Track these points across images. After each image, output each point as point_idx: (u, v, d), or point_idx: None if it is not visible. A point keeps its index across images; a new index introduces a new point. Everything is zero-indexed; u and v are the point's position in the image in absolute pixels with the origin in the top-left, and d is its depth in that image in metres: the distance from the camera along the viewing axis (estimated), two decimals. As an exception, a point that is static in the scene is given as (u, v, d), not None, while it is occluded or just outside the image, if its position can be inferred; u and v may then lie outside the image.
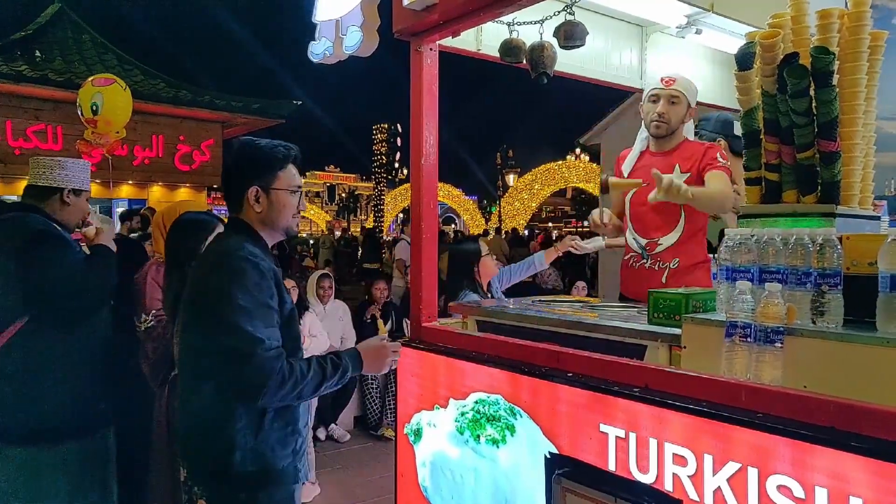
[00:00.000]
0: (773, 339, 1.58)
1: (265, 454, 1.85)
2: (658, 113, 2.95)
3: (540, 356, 2.08)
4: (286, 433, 1.91)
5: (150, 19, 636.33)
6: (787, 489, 1.41)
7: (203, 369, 1.86)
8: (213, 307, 1.80)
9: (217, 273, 1.84)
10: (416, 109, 2.61)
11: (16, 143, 10.30)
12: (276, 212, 1.98)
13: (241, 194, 1.96)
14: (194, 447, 1.92)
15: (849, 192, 1.93)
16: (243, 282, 1.78)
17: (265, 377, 1.73)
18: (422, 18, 2.48)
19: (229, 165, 2.01)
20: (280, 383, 1.75)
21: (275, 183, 1.96)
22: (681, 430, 1.62)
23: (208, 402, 1.84)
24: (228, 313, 1.75)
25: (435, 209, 2.72)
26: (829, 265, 1.58)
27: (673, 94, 2.93)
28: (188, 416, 1.93)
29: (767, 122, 1.96)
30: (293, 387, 1.79)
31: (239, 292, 1.76)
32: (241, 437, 1.81)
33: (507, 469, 2.12)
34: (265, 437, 1.85)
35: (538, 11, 2.59)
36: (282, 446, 1.89)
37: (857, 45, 1.86)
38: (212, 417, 1.83)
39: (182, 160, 12.12)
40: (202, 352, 1.86)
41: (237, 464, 1.81)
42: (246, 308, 1.76)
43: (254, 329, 1.75)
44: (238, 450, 1.81)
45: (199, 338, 1.87)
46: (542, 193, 32.25)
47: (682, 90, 2.92)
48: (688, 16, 3.09)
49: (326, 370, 1.89)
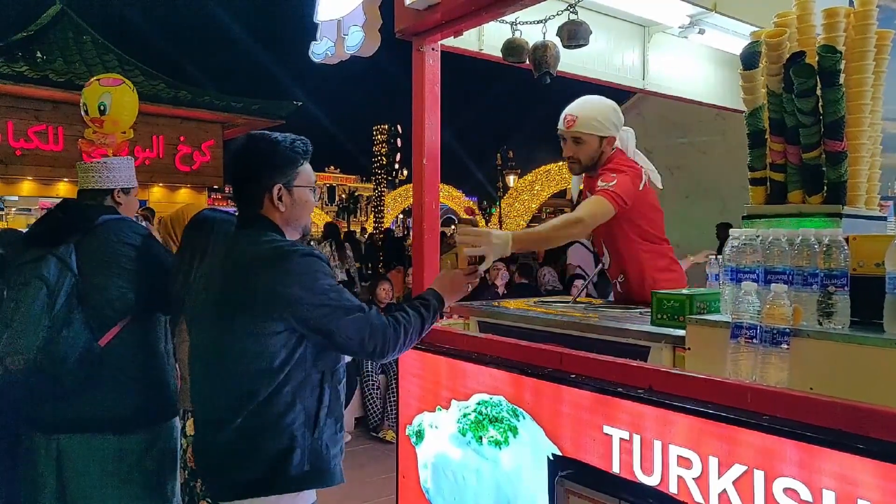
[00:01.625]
0: (778, 341, 1.57)
1: (320, 452, 1.82)
2: (565, 156, 2.85)
3: (543, 357, 2.06)
4: (335, 430, 1.88)
5: (151, 20, 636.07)
6: (794, 492, 1.39)
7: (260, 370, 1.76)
8: (301, 301, 1.75)
9: (289, 270, 1.76)
10: (418, 110, 2.60)
11: (17, 144, 10.30)
12: (299, 209, 1.94)
13: (261, 192, 1.88)
14: (241, 457, 1.78)
15: (855, 193, 1.92)
16: (321, 268, 1.82)
17: (384, 332, 1.83)
18: (424, 18, 2.47)
19: (246, 163, 1.91)
20: (395, 334, 1.85)
21: (297, 180, 1.91)
22: (685, 432, 1.61)
23: (264, 403, 1.75)
24: (325, 301, 1.77)
25: (436, 209, 2.71)
26: (835, 266, 1.57)
27: (574, 136, 2.74)
28: (229, 425, 1.77)
29: (773, 122, 1.95)
30: (405, 333, 1.88)
31: (323, 278, 1.80)
32: (300, 435, 1.77)
33: (509, 471, 2.11)
34: (320, 434, 1.82)
35: (541, 11, 2.58)
36: (333, 443, 1.87)
37: (864, 45, 1.85)
38: (269, 418, 1.75)
39: (182, 161, 12.12)
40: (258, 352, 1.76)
41: (295, 464, 1.76)
42: (335, 287, 1.82)
43: (350, 300, 1.82)
44: (298, 448, 1.77)
45: (253, 338, 1.76)
46: (542, 194, 32.20)
47: (584, 131, 2.72)
48: (690, 16, 3.07)
49: (420, 311, 1.96)
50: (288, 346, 1.77)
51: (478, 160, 67.39)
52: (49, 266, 2.41)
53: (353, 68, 3.45)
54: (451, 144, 46.21)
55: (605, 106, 2.77)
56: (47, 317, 2.36)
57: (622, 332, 2.13)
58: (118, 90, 3.74)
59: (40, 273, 2.39)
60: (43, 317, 2.35)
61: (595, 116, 2.73)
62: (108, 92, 4.20)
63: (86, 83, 3.43)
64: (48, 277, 2.39)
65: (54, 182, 11.39)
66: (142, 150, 11.59)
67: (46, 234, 2.54)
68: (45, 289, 2.38)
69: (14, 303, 2.38)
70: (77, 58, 11.88)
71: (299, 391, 1.79)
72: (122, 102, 3.53)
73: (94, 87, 3.48)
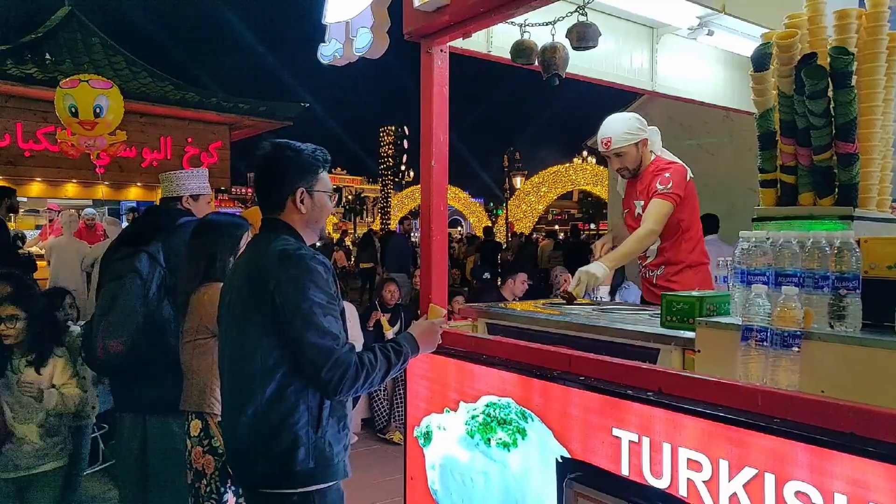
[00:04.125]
0: (789, 344, 1.56)
1: (324, 450, 1.90)
2: (615, 169, 3.28)
3: (551, 359, 2.06)
4: (339, 428, 1.96)
5: (158, 22, 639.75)
6: (805, 495, 1.39)
7: (266, 369, 1.86)
8: (285, 306, 1.82)
9: (287, 272, 1.85)
10: (427, 111, 2.61)
11: (26, 146, 10.34)
12: (318, 212, 2.05)
13: (284, 196, 2.00)
14: (254, 451, 1.90)
15: (867, 195, 1.91)
16: (316, 279, 1.86)
17: (344, 370, 1.82)
18: (432, 20, 2.47)
19: (271, 167, 2.03)
20: (355, 376, 1.84)
21: (317, 185, 2.04)
22: (695, 434, 1.60)
23: (271, 402, 1.86)
24: (305, 310, 1.81)
25: (444, 211, 2.71)
26: (847, 268, 1.56)
27: (616, 153, 3.15)
28: (244, 421, 1.90)
29: (784, 124, 1.94)
30: (366, 377, 1.87)
31: (312, 290, 1.84)
32: (304, 433, 1.86)
33: (517, 473, 2.10)
34: (323, 432, 1.90)
35: (550, 13, 2.58)
36: (336, 441, 1.94)
37: (876, 46, 1.84)
38: (275, 417, 1.85)
39: (190, 162, 12.14)
40: (266, 351, 1.86)
41: (300, 461, 1.85)
42: (321, 304, 1.84)
43: (328, 325, 1.84)
44: (302, 446, 1.86)
45: (263, 338, 1.87)
46: (549, 196, 32.18)
47: (621, 144, 3.12)
48: (699, 17, 3.06)
49: (391, 357, 1.97)
50: (281, 344, 1.86)
51: (484, 162, 67.27)
52: (141, 260, 2.72)
53: (359, 70, 3.48)
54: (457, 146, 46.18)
55: (627, 118, 3.18)
56: (142, 305, 2.67)
57: (631, 334, 2.12)
58: (112, 93, 3.93)
59: (134, 267, 2.70)
60: (138, 305, 2.67)
61: (624, 130, 3.13)
62: (104, 95, 4.39)
63: (65, 81, 3.61)
64: (141, 270, 2.70)
65: (62, 183, 11.44)
66: (149, 151, 11.64)
67: (134, 236, 2.91)
68: (140, 280, 2.69)
69: (111, 294, 2.69)
70: (86, 59, 11.92)
71: (302, 393, 1.88)
72: (117, 106, 3.75)
73: (86, 89, 3.63)
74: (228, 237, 2.62)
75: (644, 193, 3.15)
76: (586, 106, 42.37)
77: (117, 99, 6.51)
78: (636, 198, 3.23)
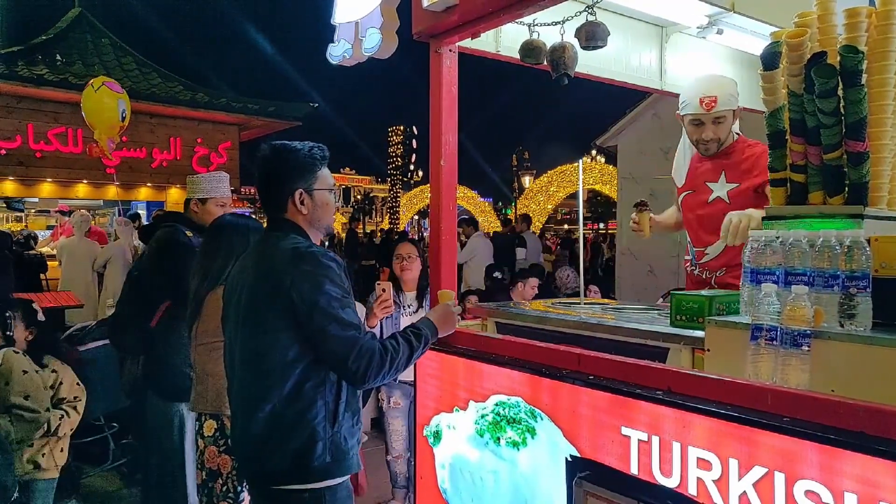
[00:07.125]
0: (799, 343, 1.56)
1: (340, 444, 1.92)
2: (705, 140, 2.79)
3: (560, 358, 2.06)
4: (353, 422, 1.99)
5: (168, 23, 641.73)
6: (815, 494, 1.39)
7: (284, 366, 1.87)
8: (303, 302, 1.84)
9: (302, 269, 1.87)
10: (436, 111, 2.61)
11: (37, 146, 10.43)
12: (321, 211, 2.06)
13: (284, 197, 2.01)
14: (269, 447, 1.90)
15: (877, 194, 1.89)
16: (330, 275, 1.88)
17: (370, 358, 1.85)
18: (442, 20, 2.48)
19: (269, 170, 2.04)
20: (381, 362, 1.88)
21: (316, 184, 2.04)
22: (705, 433, 1.60)
23: (289, 399, 1.87)
24: (324, 305, 1.83)
25: (454, 210, 2.72)
26: (857, 267, 1.56)
27: (717, 117, 2.73)
28: (261, 417, 1.90)
29: (793, 123, 1.93)
30: (391, 362, 1.91)
31: (328, 285, 1.86)
32: (321, 429, 1.89)
33: (527, 472, 2.11)
34: (339, 427, 1.92)
35: (559, 12, 2.58)
36: (351, 435, 1.97)
37: (886, 45, 1.83)
38: (293, 413, 1.87)
39: (199, 162, 12.21)
40: (284, 348, 1.87)
41: (318, 456, 1.87)
42: (338, 298, 1.87)
43: (348, 317, 1.87)
44: (319, 441, 1.88)
45: (280, 336, 1.87)
46: (557, 195, 32.10)
47: (725, 108, 2.71)
48: (709, 16, 3.05)
49: (412, 341, 2.01)
50: (299, 340, 1.87)
51: (493, 161, 67.09)
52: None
53: (367, 70, 3.52)
54: (465, 145, 46.15)
55: (730, 79, 2.82)
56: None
57: (641, 333, 2.12)
58: (125, 96, 4.20)
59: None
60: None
61: (731, 92, 2.73)
62: (122, 98, 4.67)
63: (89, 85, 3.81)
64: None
65: (73, 184, 11.52)
66: (159, 151, 11.72)
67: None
68: None
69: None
70: (96, 60, 12.01)
71: (319, 389, 1.90)
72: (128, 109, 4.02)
73: (108, 94, 3.83)
74: (244, 239, 2.60)
75: (736, 175, 2.75)
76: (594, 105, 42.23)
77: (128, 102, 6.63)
78: (712, 178, 2.82)
